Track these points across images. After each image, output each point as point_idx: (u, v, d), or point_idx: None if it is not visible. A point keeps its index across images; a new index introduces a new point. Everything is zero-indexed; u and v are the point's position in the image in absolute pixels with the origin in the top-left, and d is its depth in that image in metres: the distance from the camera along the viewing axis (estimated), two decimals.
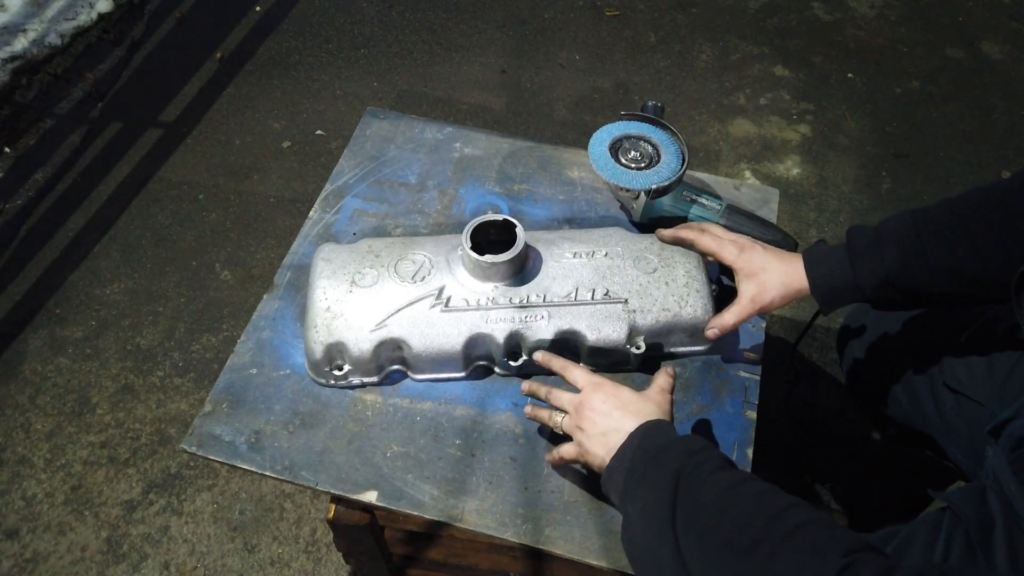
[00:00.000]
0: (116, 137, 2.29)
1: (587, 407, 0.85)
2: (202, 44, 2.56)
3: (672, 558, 0.70)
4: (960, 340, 1.07)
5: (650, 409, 0.84)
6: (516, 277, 0.98)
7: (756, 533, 0.66)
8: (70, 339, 1.85)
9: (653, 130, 1.10)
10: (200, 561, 1.54)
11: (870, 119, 2.40)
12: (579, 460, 0.87)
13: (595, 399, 0.85)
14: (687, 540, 0.70)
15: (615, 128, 1.10)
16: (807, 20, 2.72)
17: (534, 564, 1.11)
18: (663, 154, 1.07)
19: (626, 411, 0.83)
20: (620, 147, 1.08)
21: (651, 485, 0.75)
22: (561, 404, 0.88)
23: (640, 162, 1.06)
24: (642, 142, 1.08)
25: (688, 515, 0.71)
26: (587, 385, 0.87)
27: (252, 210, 2.12)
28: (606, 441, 0.82)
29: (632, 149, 1.07)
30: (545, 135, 2.30)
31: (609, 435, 0.82)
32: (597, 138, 1.08)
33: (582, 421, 0.84)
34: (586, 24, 2.68)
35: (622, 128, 1.10)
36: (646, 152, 1.07)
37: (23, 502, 1.61)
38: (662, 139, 1.09)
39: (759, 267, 0.94)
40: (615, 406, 0.84)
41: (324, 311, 0.97)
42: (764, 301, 0.94)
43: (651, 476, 0.76)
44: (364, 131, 1.30)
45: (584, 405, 0.85)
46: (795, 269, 0.94)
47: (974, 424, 1.02)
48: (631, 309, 0.97)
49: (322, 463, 0.93)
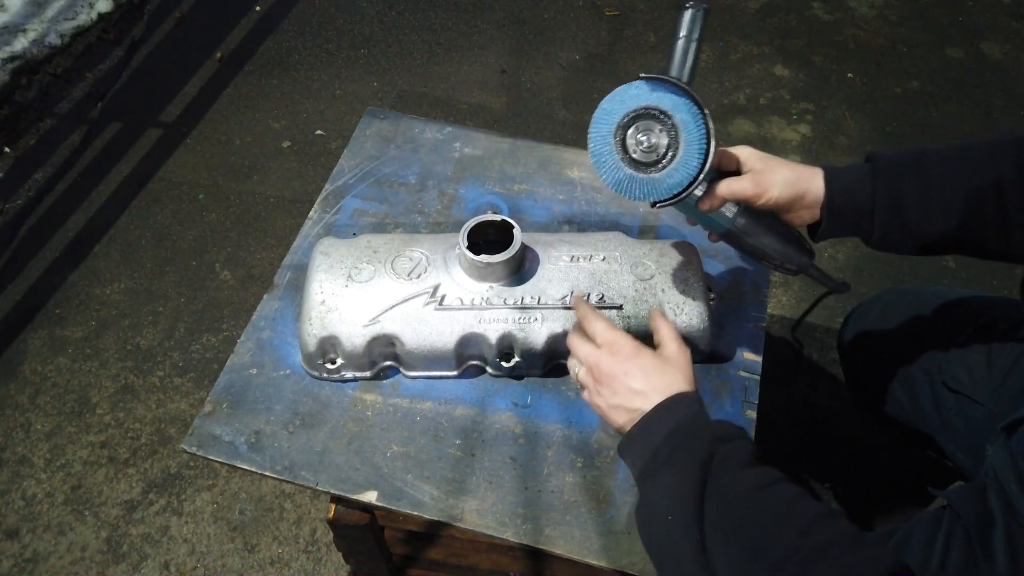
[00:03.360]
0: (116, 137, 2.29)
1: (604, 369, 0.80)
2: (202, 44, 2.56)
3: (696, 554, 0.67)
4: (959, 340, 1.07)
5: (674, 378, 0.78)
6: (512, 278, 0.98)
7: (785, 547, 0.64)
8: (70, 339, 1.85)
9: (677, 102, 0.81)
10: (200, 561, 1.54)
11: (870, 119, 2.40)
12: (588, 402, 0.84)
13: (613, 363, 0.80)
14: (714, 539, 0.67)
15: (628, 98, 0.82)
16: (807, 20, 2.72)
17: (534, 564, 1.11)
18: (681, 144, 0.80)
19: (647, 380, 0.78)
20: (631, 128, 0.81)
21: (677, 470, 0.72)
22: (578, 354, 0.84)
23: (650, 154, 0.81)
24: (658, 124, 0.81)
25: (717, 513, 0.68)
26: (605, 344, 0.81)
27: (252, 210, 2.12)
28: (625, 408, 0.78)
29: (644, 133, 0.81)
30: (545, 135, 2.30)
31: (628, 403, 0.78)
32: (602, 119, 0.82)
33: (599, 382, 0.81)
34: (586, 24, 2.68)
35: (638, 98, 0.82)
36: (660, 143, 0.80)
37: (23, 502, 1.61)
38: (685, 117, 0.80)
39: (773, 164, 0.87)
40: (634, 373, 0.78)
41: (319, 304, 0.97)
42: (764, 185, 0.84)
43: (678, 461, 0.72)
44: (364, 131, 1.30)
45: (601, 366, 0.80)
46: (811, 174, 0.86)
47: (974, 423, 1.02)
48: (625, 315, 0.97)
49: (322, 463, 0.93)
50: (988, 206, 0.83)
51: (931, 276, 2.01)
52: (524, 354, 0.96)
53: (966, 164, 0.85)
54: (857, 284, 1.97)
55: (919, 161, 0.86)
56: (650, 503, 0.74)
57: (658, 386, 0.78)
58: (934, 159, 0.86)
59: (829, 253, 2.05)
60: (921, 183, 0.85)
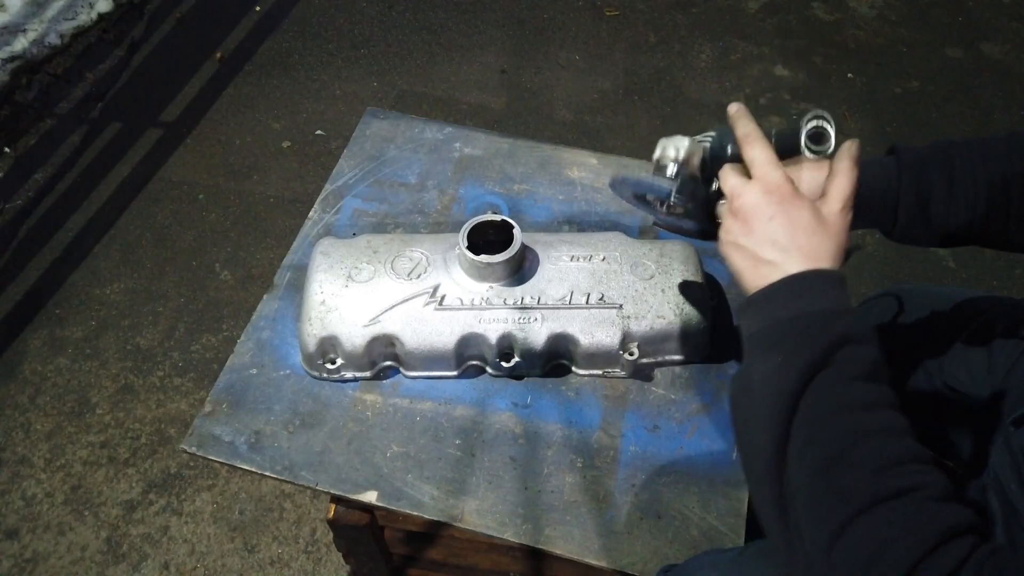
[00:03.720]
0: (116, 137, 2.29)
1: (749, 204, 0.69)
2: (202, 44, 2.56)
3: (774, 448, 0.62)
4: (959, 340, 1.07)
5: (822, 245, 0.68)
6: (512, 278, 0.98)
7: (857, 478, 0.59)
8: (70, 339, 1.85)
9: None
10: (200, 561, 1.54)
11: (870, 119, 2.40)
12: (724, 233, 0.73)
13: (761, 201, 0.69)
14: (795, 441, 0.61)
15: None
16: (807, 20, 2.72)
17: (534, 564, 1.11)
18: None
19: (793, 236, 0.67)
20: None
21: (789, 355, 0.64)
22: (727, 185, 0.73)
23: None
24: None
25: (809, 416, 0.62)
26: (759, 178, 0.70)
27: (252, 210, 2.12)
28: (755, 256, 0.69)
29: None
30: (545, 135, 2.30)
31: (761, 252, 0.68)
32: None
33: (736, 217, 0.71)
34: (586, 24, 2.68)
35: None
36: None
37: (23, 502, 1.61)
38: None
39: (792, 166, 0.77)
40: (780, 221, 0.68)
41: (319, 304, 0.97)
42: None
43: (792, 346, 0.64)
44: (364, 131, 1.30)
45: (746, 200, 0.70)
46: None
47: (974, 423, 1.02)
48: (625, 315, 0.97)
49: (322, 463, 0.93)
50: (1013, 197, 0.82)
51: (931, 276, 2.01)
52: (524, 354, 0.96)
53: (989, 155, 0.84)
54: (857, 284, 1.97)
55: (944, 152, 0.85)
56: (749, 376, 0.67)
57: (804, 247, 0.67)
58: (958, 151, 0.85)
59: None
60: (946, 176, 0.83)
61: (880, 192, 0.84)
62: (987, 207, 0.83)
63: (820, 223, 0.68)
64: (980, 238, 0.87)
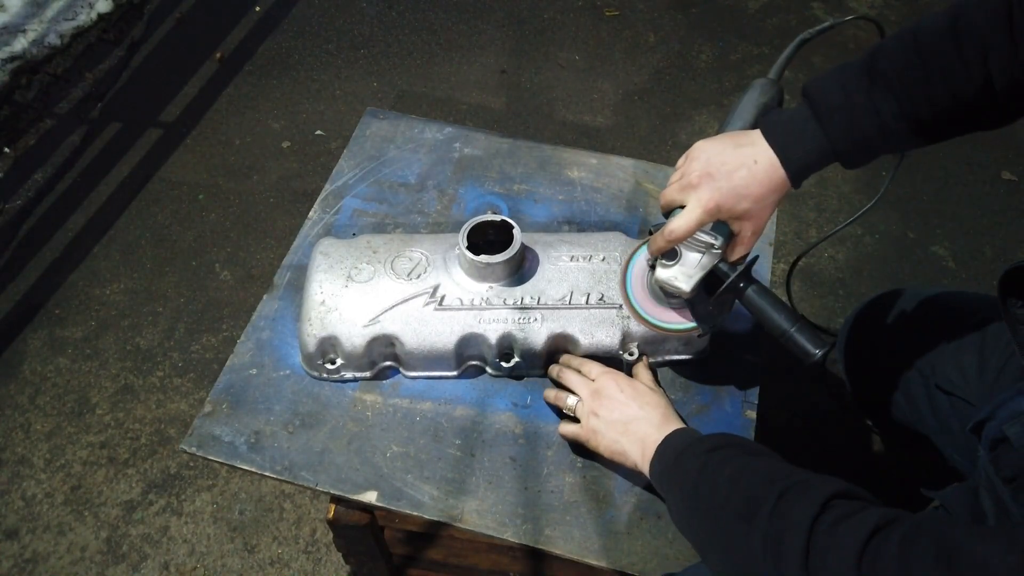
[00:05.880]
0: (116, 137, 2.29)
1: (604, 395, 0.90)
2: (202, 44, 2.56)
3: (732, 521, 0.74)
4: (952, 341, 1.07)
5: (660, 400, 0.91)
6: (512, 278, 0.98)
7: (757, 495, 0.71)
8: (70, 339, 1.85)
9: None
10: (200, 561, 1.54)
11: None
12: (582, 441, 0.92)
13: (611, 387, 0.91)
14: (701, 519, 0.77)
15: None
16: (807, 20, 2.72)
17: (534, 564, 1.11)
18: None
19: (642, 401, 0.89)
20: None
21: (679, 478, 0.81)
22: (573, 385, 0.94)
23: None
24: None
25: (704, 498, 0.77)
26: (601, 374, 0.93)
27: (252, 210, 2.12)
28: (626, 430, 0.87)
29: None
30: (545, 135, 2.30)
31: (630, 424, 0.87)
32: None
33: (599, 407, 0.90)
34: (586, 24, 2.68)
35: None
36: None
37: (23, 502, 1.61)
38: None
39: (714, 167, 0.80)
40: (631, 396, 0.90)
41: (319, 304, 0.97)
42: (713, 203, 0.78)
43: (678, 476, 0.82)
44: (364, 131, 1.30)
45: (601, 393, 0.90)
46: (758, 152, 0.78)
47: (966, 424, 1.02)
48: (625, 315, 0.97)
49: (322, 463, 0.93)
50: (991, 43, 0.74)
51: (931, 276, 2.01)
52: (524, 354, 0.96)
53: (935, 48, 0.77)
54: (857, 284, 1.98)
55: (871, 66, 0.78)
56: (670, 503, 0.84)
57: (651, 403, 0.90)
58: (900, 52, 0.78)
59: (829, 253, 2.05)
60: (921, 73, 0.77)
61: (812, 158, 0.80)
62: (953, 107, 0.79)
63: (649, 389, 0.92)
64: (971, 108, 0.81)
